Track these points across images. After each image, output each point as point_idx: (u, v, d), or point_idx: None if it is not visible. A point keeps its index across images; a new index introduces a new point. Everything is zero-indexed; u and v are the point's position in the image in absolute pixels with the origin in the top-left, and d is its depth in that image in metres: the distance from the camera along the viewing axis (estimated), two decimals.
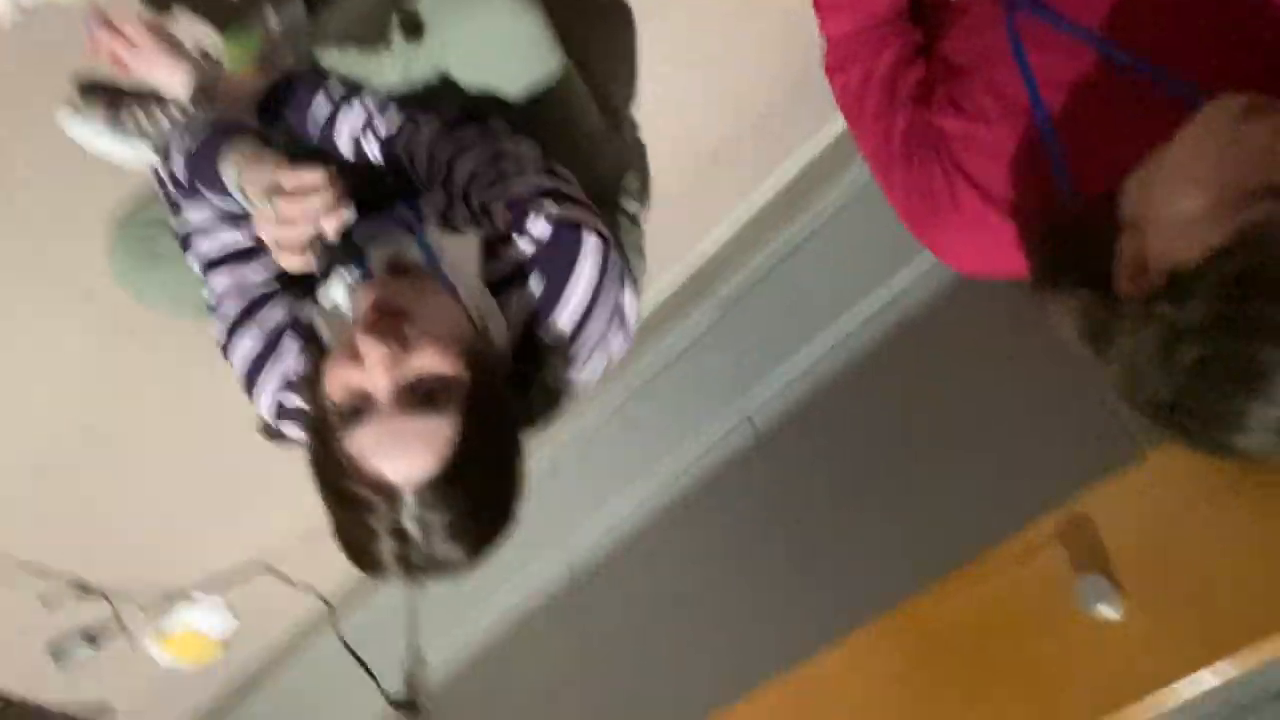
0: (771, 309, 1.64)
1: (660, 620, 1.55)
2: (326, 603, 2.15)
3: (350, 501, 0.85)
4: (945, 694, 1.03)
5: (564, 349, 1.04)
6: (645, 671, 1.53)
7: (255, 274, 1.10)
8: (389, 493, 0.83)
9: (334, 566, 2.24)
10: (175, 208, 1.13)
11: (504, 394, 0.95)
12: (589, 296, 1.03)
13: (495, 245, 1.02)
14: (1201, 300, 0.71)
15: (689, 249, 1.75)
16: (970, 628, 1.04)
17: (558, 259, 1.01)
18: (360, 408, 0.85)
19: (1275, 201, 0.70)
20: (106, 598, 2.33)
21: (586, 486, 1.75)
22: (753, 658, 1.34)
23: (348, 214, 0.93)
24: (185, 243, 1.12)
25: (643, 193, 1.65)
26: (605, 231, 1.03)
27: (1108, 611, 0.94)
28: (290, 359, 1.05)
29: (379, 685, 1.95)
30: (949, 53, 0.99)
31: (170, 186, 1.12)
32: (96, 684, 2.60)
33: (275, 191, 0.91)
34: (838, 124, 1.61)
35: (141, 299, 1.31)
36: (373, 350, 0.84)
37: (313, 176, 0.91)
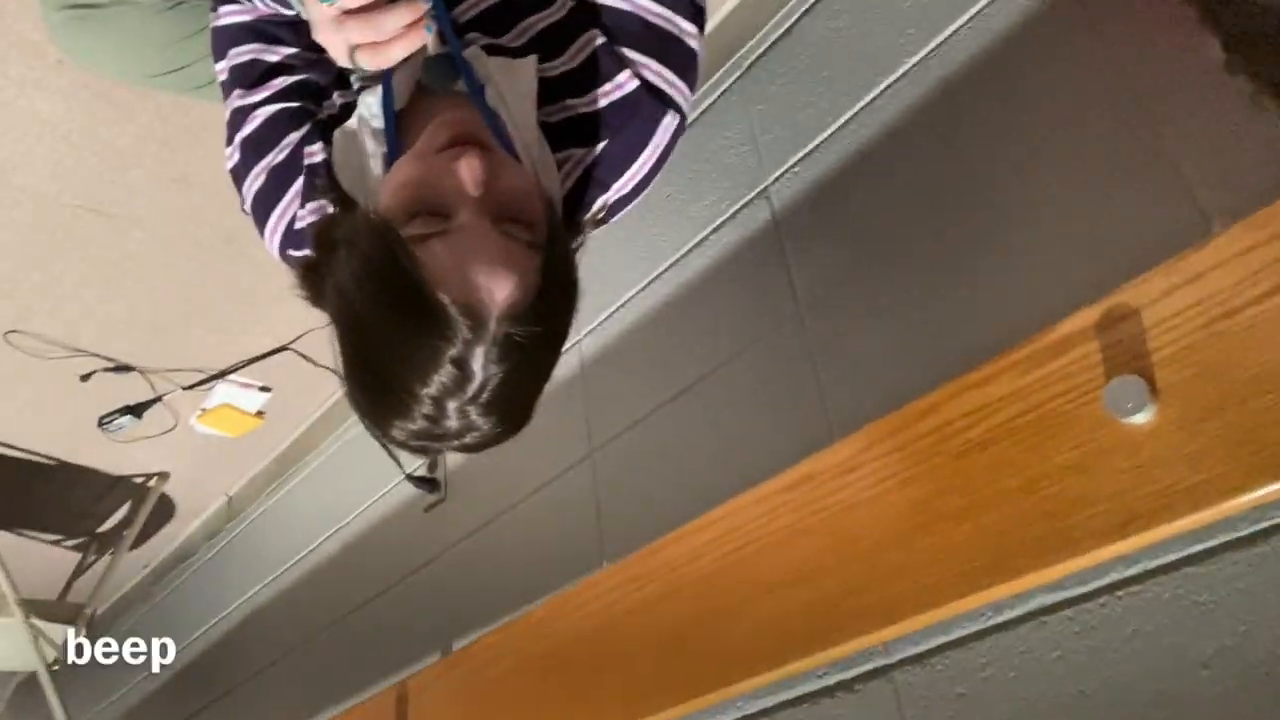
0: (792, 71, 1.44)
1: (669, 408, 1.48)
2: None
3: (425, 313, 0.71)
4: (947, 500, 0.94)
5: (602, 222, 0.94)
6: (651, 462, 1.49)
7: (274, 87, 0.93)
8: (475, 313, 0.71)
9: None
10: None
11: (571, 251, 0.82)
12: (644, 177, 0.91)
13: (555, 83, 0.88)
14: None
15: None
16: (986, 428, 0.93)
17: (631, 130, 0.88)
18: (444, 212, 0.74)
19: None
20: (144, 375, 2.40)
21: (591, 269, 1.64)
22: (758, 449, 1.27)
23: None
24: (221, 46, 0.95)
25: None
26: (688, 109, 0.90)
27: (1140, 419, 0.82)
28: (291, 201, 0.93)
29: (396, 461, 1.96)
30: None
31: None
32: (150, 455, 2.75)
33: None
34: None
35: (80, 62, 1.18)
36: (471, 163, 0.72)
37: None
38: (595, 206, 0.96)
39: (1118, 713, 0.84)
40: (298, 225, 0.97)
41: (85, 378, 2.31)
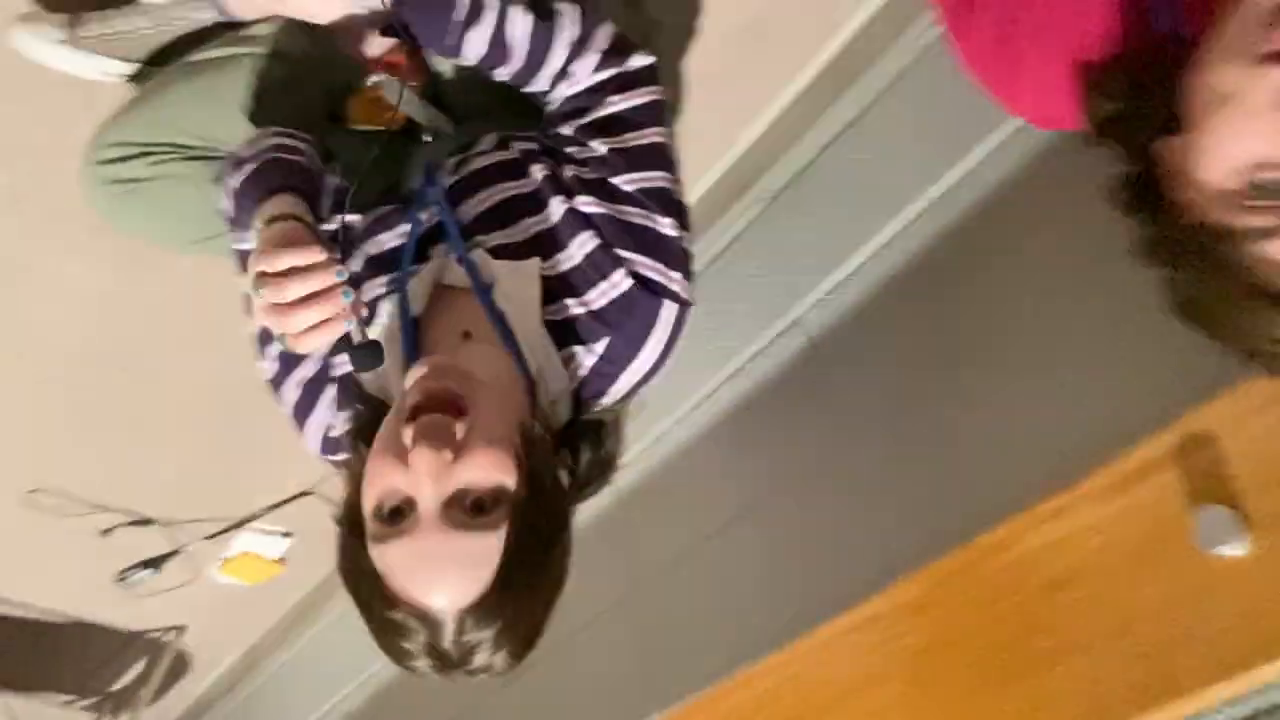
0: (819, 201, 1.46)
1: (703, 549, 1.44)
2: None
3: (380, 622, 0.75)
4: (1027, 649, 0.90)
5: (619, 415, 0.96)
6: (681, 606, 1.44)
7: None
8: (425, 618, 0.74)
9: None
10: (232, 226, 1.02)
11: (559, 489, 0.84)
12: (653, 365, 0.94)
13: (555, 283, 0.91)
14: None
15: (725, 140, 1.56)
16: (1060, 570, 0.90)
17: (630, 324, 0.91)
18: (400, 513, 0.75)
19: None
20: (165, 527, 2.37)
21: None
22: (808, 589, 1.23)
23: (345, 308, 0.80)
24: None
25: (673, 78, 1.47)
26: (687, 295, 0.92)
27: (1232, 550, 0.79)
28: (325, 411, 0.98)
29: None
30: None
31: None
32: (166, 609, 2.68)
33: (262, 281, 0.78)
34: None
35: (125, 231, 1.21)
36: (422, 458, 0.73)
37: (295, 257, 0.78)
38: (605, 398, 0.96)
39: None
40: (333, 434, 0.99)
41: (106, 532, 2.27)
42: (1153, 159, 0.65)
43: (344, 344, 0.83)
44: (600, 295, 0.91)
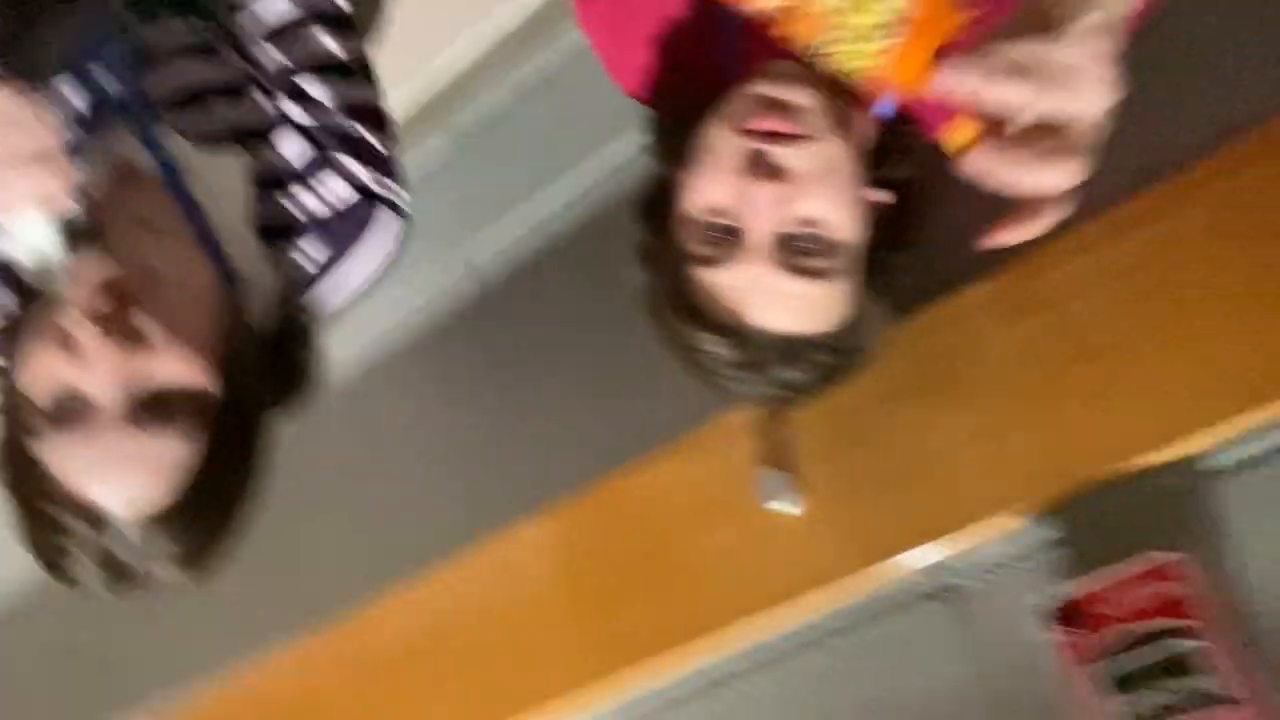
0: (511, 147, 1.49)
1: (358, 478, 1.45)
2: None
3: (44, 520, 0.69)
4: (618, 585, 1.01)
5: (326, 324, 0.91)
6: (336, 532, 1.44)
7: None
8: (101, 523, 0.69)
9: None
10: None
11: (261, 396, 0.79)
12: (369, 276, 0.91)
13: (266, 183, 0.86)
14: None
15: (421, 67, 1.54)
16: (654, 517, 1.02)
17: (351, 233, 0.88)
18: (71, 410, 0.68)
19: None
20: None
21: None
22: (446, 527, 1.27)
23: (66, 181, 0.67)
24: None
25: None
26: (407, 207, 0.90)
27: (783, 507, 0.94)
28: None
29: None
30: None
31: None
32: None
33: None
34: None
35: None
36: (99, 351, 0.66)
37: (10, 105, 0.64)
38: (320, 306, 0.94)
39: None
40: None
41: None
42: (668, 181, 0.78)
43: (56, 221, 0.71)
44: (319, 203, 0.87)
